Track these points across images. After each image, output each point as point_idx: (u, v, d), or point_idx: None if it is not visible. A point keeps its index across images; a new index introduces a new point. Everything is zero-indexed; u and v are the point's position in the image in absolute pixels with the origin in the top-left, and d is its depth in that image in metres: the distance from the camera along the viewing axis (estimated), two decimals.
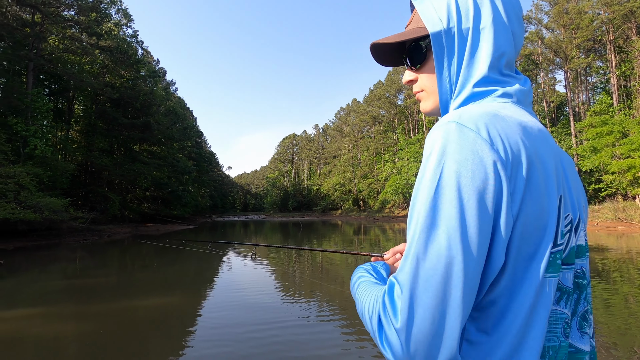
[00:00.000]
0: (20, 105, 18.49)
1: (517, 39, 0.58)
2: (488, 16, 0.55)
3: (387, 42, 0.63)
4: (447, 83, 0.58)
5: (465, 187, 0.45)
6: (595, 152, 24.78)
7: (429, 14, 0.58)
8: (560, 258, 0.50)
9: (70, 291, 7.01)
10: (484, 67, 0.55)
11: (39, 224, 16.32)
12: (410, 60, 0.64)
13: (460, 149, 0.46)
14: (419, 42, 0.62)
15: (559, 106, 39.04)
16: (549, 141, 0.52)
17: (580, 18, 30.09)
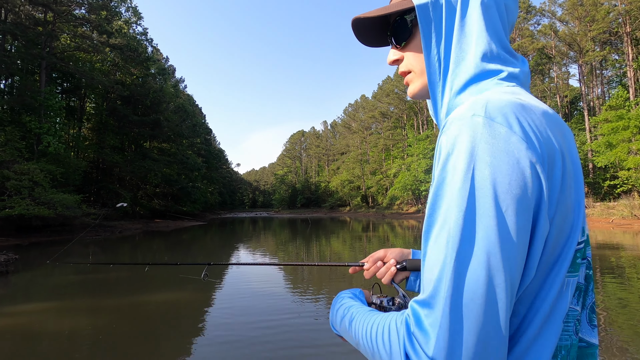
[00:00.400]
0: (33, 103, 18.79)
1: (511, 11, 0.52)
2: None
3: (369, 17, 0.57)
4: (435, 62, 0.52)
5: (503, 196, 0.39)
6: (610, 148, 24.18)
7: None
8: (581, 255, 0.46)
9: (83, 286, 7.10)
10: (482, 44, 0.49)
11: (53, 220, 16.61)
12: (394, 38, 0.58)
13: (493, 151, 0.40)
14: (403, 16, 0.56)
15: (572, 101, 38.21)
16: (569, 130, 0.47)
17: (596, 10, 29.30)
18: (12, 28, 18.50)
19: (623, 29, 28.94)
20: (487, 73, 0.49)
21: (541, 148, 0.40)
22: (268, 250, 13.15)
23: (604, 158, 24.06)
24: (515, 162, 0.39)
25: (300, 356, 3.50)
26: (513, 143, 0.39)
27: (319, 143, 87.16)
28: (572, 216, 0.43)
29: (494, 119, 0.41)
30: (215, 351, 3.65)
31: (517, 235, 0.39)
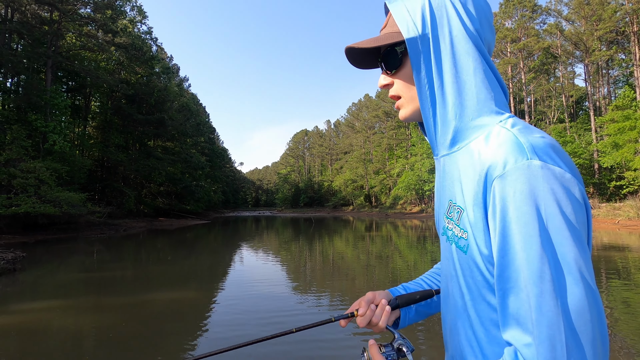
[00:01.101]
0: (39, 102, 18.92)
1: (488, 44, 0.57)
2: (460, 23, 0.55)
3: (362, 47, 0.61)
4: (426, 90, 0.56)
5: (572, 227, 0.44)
6: (616, 148, 23.97)
7: (403, 18, 0.57)
8: None
9: (89, 284, 7.15)
10: (481, 75, 0.54)
11: (59, 218, 16.74)
12: (385, 65, 0.62)
13: (558, 190, 0.45)
14: (394, 47, 0.60)
15: (578, 101, 37.93)
16: None
17: (603, 9, 29.03)
18: (19, 27, 18.64)
19: (630, 28, 28.66)
20: (491, 101, 0.54)
21: (580, 180, 0.46)
22: (271, 249, 13.17)
23: (610, 158, 23.86)
24: (574, 197, 0.45)
25: (306, 350, 3.51)
26: (569, 180, 0.45)
27: (322, 142, 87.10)
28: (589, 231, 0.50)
29: (547, 161, 0.45)
30: (220, 346, 3.65)
31: (588, 257, 0.44)
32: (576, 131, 32.98)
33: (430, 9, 0.55)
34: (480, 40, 0.56)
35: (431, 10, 0.55)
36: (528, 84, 35.96)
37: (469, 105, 0.55)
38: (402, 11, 0.57)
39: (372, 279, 7.41)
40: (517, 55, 35.05)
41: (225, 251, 12.83)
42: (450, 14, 0.55)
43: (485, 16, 0.57)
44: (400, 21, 0.57)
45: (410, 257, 10.55)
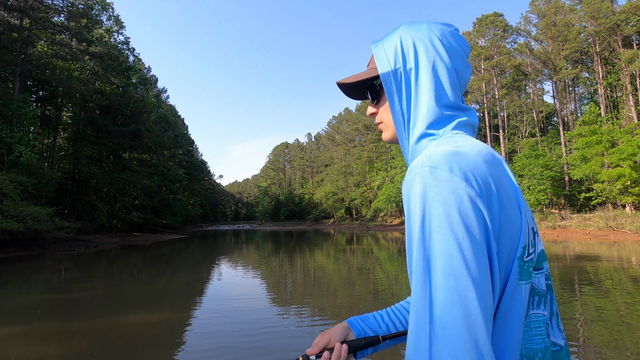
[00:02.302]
0: (5, 112, 17.97)
1: (462, 74, 0.64)
2: (429, 57, 0.62)
3: (347, 83, 0.72)
4: (399, 116, 0.65)
5: (457, 226, 0.47)
6: (585, 161, 25.11)
7: (380, 57, 0.66)
8: (531, 266, 0.54)
9: (53, 306, 6.62)
10: (430, 103, 0.62)
11: (23, 234, 15.72)
12: (370, 96, 0.73)
13: (441, 191, 0.49)
14: (372, 81, 0.71)
15: (547, 116, 39.74)
16: (502, 164, 0.57)
17: (568, 30, 30.84)
18: None
19: (593, 49, 30.51)
20: (436, 124, 0.61)
21: (478, 184, 0.49)
22: (250, 264, 12.79)
23: (579, 171, 24.94)
24: (460, 198, 0.48)
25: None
26: (455, 182, 0.49)
27: (302, 155, 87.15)
28: (519, 234, 0.52)
29: (437, 167, 0.51)
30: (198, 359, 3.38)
31: (476, 255, 0.47)
32: (547, 145, 34.42)
33: (402, 46, 0.64)
34: (450, 68, 0.62)
35: (402, 48, 0.64)
36: (501, 99, 37.43)
37: (418, 129, 0.63)
38: (379, 50, 0.67)
39: (353, 292, 7.25)
40: (491, 72, 36.53)
41: (202, 267, 12.35)
42: (416, 50, 0.63)
43: (454, 49, 0.64)
44: (378, 59, 0.66)
45: (391, 269, 10.47)
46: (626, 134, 23.20)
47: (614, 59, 30.01)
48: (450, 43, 0.64)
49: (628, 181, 22.14)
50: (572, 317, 5.13)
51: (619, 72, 29.02)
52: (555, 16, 32.35)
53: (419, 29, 0.65)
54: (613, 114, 29.24)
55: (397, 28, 0.68)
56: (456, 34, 0.66)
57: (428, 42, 0.63)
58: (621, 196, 23.26)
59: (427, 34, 0.64)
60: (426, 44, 0.63)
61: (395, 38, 0.66)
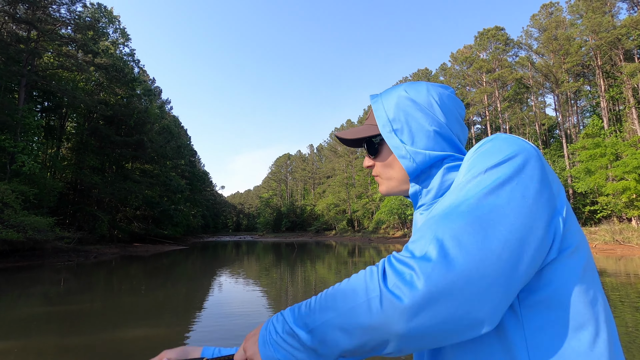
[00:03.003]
0: (9, 121, 18.07)
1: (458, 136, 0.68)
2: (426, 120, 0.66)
3: (347, 138, 0.75)
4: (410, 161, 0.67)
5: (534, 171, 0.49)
6: (589, 174, 24.93)
7: (380, 115, 0.69)
8: None
9: (51, 319, 6.46)
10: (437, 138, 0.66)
11: (22, 244, 15.60)
12: (367, 151, 0.75)
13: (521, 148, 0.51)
14: (372, 138, 0.72)
15: (549, 129, 39.74)
16: None
17: (569, 44, 31.06)
18: None
19: (595, 62, 30.66)
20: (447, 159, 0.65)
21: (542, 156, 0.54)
22: (251, 276, 12.59)
23: (583, 184, 24.73)
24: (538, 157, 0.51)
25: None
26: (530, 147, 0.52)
27: (304, 166, 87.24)
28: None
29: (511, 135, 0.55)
30: None
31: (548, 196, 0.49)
32: (550, 157, 34.29)
33: (402, 107, 0.67)
34: (446, 131, 0.66)
35: (402, 109, 0.67)
36: (503, 112, 37.51)
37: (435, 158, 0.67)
38: (380, 109, 0.69)
39: None
40: (493, 84, 36.71)
41: (202, 279, 12.16)
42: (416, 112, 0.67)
43: (451, 112, 0.67)
44: (377, 117, 0.68)
45: None
46: (630, 147, 23.09)
47: (615, 73, 30.11)
48: (448, 107, 0.67)
49: (634, 194, 21.92)
50: None
51: (621, 85, 29.07)
52: (556, 30, 32.63)
53: (419, 91, 0.68)
54: (616, 126, 29.17)
55: (398, 87, 0.70)
56: (452, 97, 0.69)
57: (426, 105, 0.66)
58: (627, 209, 23.00)
59: (426, 97, 0.67)
60: (425, 106, 0.66)
61: (395, 98, 0.68)
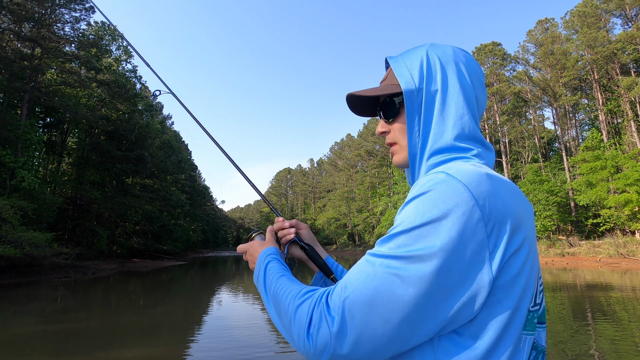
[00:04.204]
0: (10, 137, 18.12)
1: (481, 103, 0.64)
2: (455, 81, 0.61)
3: (363, 95, 0.67)
4: (417, 137, 0.62)
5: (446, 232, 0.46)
6: (590, 187, 24.84)
7: (403, 73, 0.63)
8: (536, 317, 0.52)
9: (46, 338, 6.28)
10: (453, 129, 0.59)
11: (19, 260, 15.40)
12: (383, 114, 0.68)
13: (449, 199, 0.47)
14: (392, 97, 0.66)
15: (549, 142, 39.87)
16: (530, 207, 0.55)
17: (566, 58, 31.47)
18: None
19: (592, 76, 31.00)
20: (460, 150, 0.58)
21: (490, 210, 0.47)
22: (251, 292, 12.37)
23: (585, 197, 24.61)
24: (461, 213, 0.46)
25: None
26: (465, 197, 0.47)
27: (305, 180, 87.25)
28: (528, 278, 0.50)
29: (456, 177, 0.49)
30: None
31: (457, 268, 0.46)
32: (551, 170, 34.27)
33: (428, 65, 0.61)
34: (472, 95, 0.61)
35: (428, 67, 0.61)
36: (502, 125, 37.73)
37: (438, 152, 0.59)
38: (402, 67, 0.63)
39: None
40: (491, 98, 37.05)
41: (202, 295, 11.94)
42: (444, 72, 0.61)
43: (477, 77, 0.63)
44: (400, 75, 0.62)
45: None
46: (631, 160, 23.08)
47: (612, 86, 30.41)
48: (475, 69, 0.63)
49: (636, 207, 21.78)
50: (587, 351, 4.78)
51: (618, 98, 29.30)
52: (552, 45, 33.10)
53: (446, 51, 0.63)
54: (615, 139, 29.25)
55: (422, 46, 0.65)
56: (475, 61, 0.65)
57: (455, 66, 0.61)
58: (630, 222, 22.81)
59: (454, 57, 0.62)
60: (454, 67, 0.61)
61: (421, 55, 0.63)
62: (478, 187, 0.47)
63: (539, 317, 0.53)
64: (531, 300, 0.50)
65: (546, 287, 11.64)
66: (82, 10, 22.57)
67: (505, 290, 0.48)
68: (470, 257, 0.46)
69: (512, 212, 0.48)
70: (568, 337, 5.61)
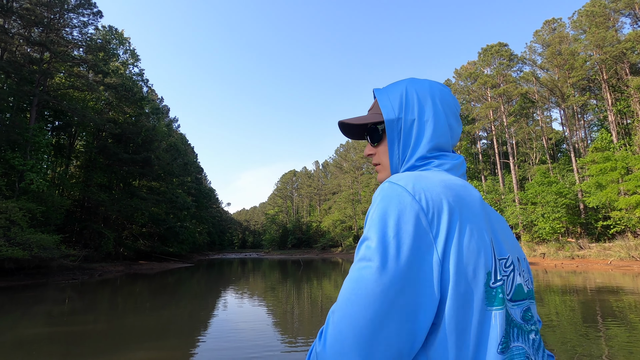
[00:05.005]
0: (19, 140, 18.34)
1: (454, 130, 0.73)
2: (429, 112, 0.71)
3: (352, 123, 0.79)
4: (396, 159, 0.73)
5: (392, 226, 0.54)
6: (600, 188, 24.46)
7: (385, 104, 0.74)
8: (502, 292, 0.56)
9: (53, 340, 6.29)
10: (424, 149, 0.70)
11: (28, 262, 15.55)
12: (370, 138, 0.79)
13: (391, 199, 0.57)
14: (376, 125, 0.77)
15: (557, 143, 39.41)
16: (472, 195, 0.61)
17: (574, 59, 31.09)
18: (6, 66, 18.51)
19: (600, 77, 30.60)
20: (424, 163, 0.69)
21: (426, 202, 0.56)
22: (257, 294, 12.32)
23: (595, 198, 24.23)
24: (403, 207, 0.55)
25: None
26: (404, 196, 0.56)
27: (310, 183, 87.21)
28: (479, 258, 0.55)
29: (396, 182, 0.59)
30: None
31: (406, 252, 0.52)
32: (559, 172, 33.84)
33: (407, 99, 0.72)
34: (444, 123, 0.71)
35: (407, 100, 0.72)
36: (509, 127, 37.37)
37: (409, 166, 0.71)
38: (384, 99, 0.74)
39: None
40: (498, 99, 36.73)
41: (208, 297, 11.92)
42: (420, 104, 0.71)
43: (450, 107, 0.73)
44: (383, 106, 0.73)
45: None
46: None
47: (622, 86, 29.97)
48: (448, 101, 0.73)
49: None
50: (600, 356, 4.65)
51: (628, 98, 28.87)
52: (560, 45, 32.74)
53: (423, 85, 0.73)
54: (625, 140, 28.79)
55: (402, 81, 0.76)
56: (451, 94, 0.75)
57: (430, 99, 0.71)
58: None
59: (429, 92, 0.72)
60: (430, 100, 0.71)
61: (401, 90, 0.73)
62: (414, 186, 0.57)
63: (513, 295, 0.59)
64: (488, 276, 0.55)
65: (555, 290, 11.43)
66: (90, 14, 22.86)
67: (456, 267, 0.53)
68: (417, 243, 0.53)
69: (448, 202, 0.56)
70: (578, 341, 5.48)
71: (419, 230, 0.53)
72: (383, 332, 0.49)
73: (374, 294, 0.50)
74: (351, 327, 0.50)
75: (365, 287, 0.51)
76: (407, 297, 0.51)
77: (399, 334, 0.50)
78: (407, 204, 0.55)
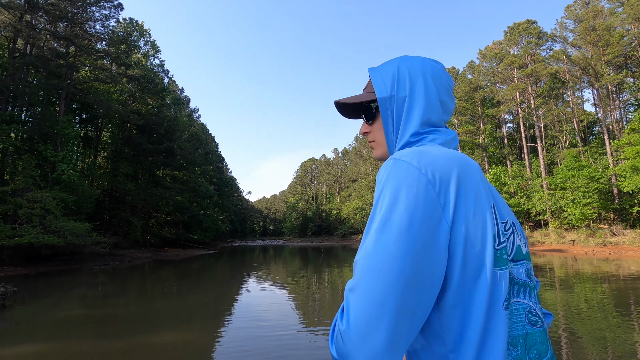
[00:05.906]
0: (50, 132, 19.10)
1: (446, 105, 0.75)
2: (420, 88, 0.72)
3: (346, 102, 0.80)
4: (391, 135, 0.75)
5: (404, 200, 0.56)
6: (636, 172, 23.17)
7: (378, 83, 0.76)
8: (506, 254, 0.59)
9: (87, 322, 6.59)
10: (416, 124, 0.72)
11: (62, 249, 16.35)
12: (365, 117, 0.81)
13: (398, 175, 0.58)
14: (370, 104, 0.79)
15: (588, 125, 37.44)
16: (472, 165, 0.63)
17: (609, 34, 29.16)
18: (34, 60, 19.16)
19: (639, 53, 28.63)
20: (415, 141, 0.71)
21: (432, 174, 0.57)
22: (278, 280, 12.50)
23: (630, 183, 22.99)
24: (411, 181, 0.57)
25: None
26: (411, 170, 0.58)
27: (330, 170, 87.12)
28: (484, 222, 0.58)
29: (401, 159, 0.60)
30: None
31: (419, 224, 0.54)
32: (591, 155, 32.24)
33: (399, 76, 0.73)
34: (436, 99, 0.72)
35: (399, 77, 0.73)
36: (537, 109, 35.77)
37: (403, 142, 0.72)
38: (377, 78, 0.76)
39: None
40: (525, 80, 35.12)
41: (232, 283, 12.20)
42: (411, 81, 0.73)
43: (442, 83, 0.74)
44: (376, 85, 0.75)
45: None
46: None
47: None
48: (439, 78, 0.74)
49: None
50: (633, 350, 4.41)
51: None
52: (594, 20, 30.76)
53: (414, 63, 0.74)
54: None
55: (394, 59, 0.77)
56: (443, 70, 0.76)
57: (421, 76, 0.73)
58: None
59: (421, 69, 0.73)
60: (421, 77, 0.72)
61: (393, 68, 0.75)
62: (419, 160, 0.59)
63: (514, 255, 0.62)
64: (494, 239, 0.58)
65: (585, 278, 11.01)
66: (111, 7, 23.23)
67: (466, 233, 0.56)
68: (429, 214, 0.55)
69: (452, 173, 0.58)
70: (609, 331, 5.23)
71: (429, 201, 0.55)
72: (406, 302, 0.51)
73: (393, 267, 0.51)
74: (373, 301, 0.51)
75: (383, 261, 0.52)
76: (424, 267, 0.52)
77: (419, 302, 0.52)
78: (415, 177, 0.56)
